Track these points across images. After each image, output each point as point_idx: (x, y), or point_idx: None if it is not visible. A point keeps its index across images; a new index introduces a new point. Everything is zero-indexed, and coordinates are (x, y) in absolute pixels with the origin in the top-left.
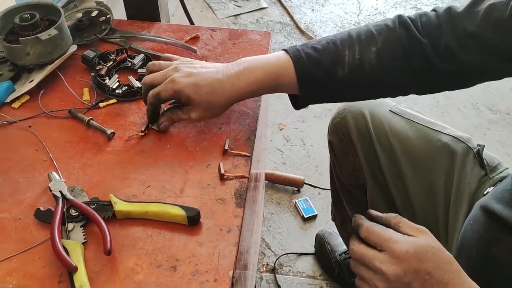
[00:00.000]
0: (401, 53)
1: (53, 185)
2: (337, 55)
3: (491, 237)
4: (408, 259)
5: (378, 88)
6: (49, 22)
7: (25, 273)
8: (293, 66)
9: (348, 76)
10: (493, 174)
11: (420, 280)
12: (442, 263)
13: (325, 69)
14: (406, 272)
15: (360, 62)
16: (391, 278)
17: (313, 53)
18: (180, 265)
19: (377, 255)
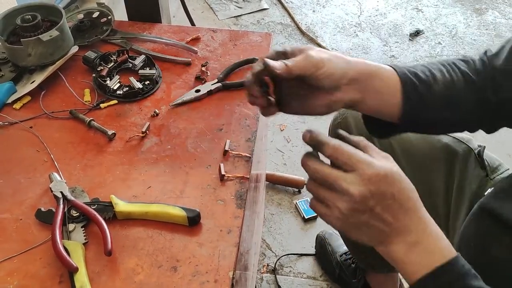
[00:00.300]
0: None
1: (54, 186)
2: (430, 73)
3: (490, 237)
4: (377, 182)
5: (465, 109)
6: (50, 23)
7: (26, 273)
8: (394, 70)
9: (443, 92)
10: (494, 175)
11: (383, 204)
12: (407, 189)
13: (424, 82)
14: (373, 194)
15: (451, 79)
16: (356, 199)
17: (410, 68)
18: (181, 266)
19: (344, 175)
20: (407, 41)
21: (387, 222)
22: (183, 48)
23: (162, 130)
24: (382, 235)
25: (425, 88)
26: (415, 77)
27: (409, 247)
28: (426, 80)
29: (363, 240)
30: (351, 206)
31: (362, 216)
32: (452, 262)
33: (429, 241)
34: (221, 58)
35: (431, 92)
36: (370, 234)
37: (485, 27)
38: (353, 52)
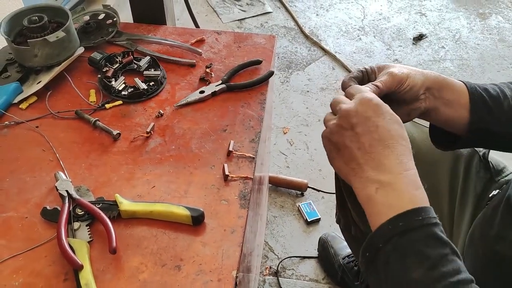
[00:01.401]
0: None
1: (60, 185)
2: (499, 89)
3: (498, 234)
4: (366, 105)
5: None
6: (57, 25)
7: (31, 271)
8: (463, 83)
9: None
10: (499, 177)
11: (365, 127)
12: (395, 130)
13: (494, 97)
14: (358, 113)
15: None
16: (342, 113)
17: (479, 84)
18: (184, 265)
19: (345, 99)
20: (411, 45)
21: (363, 148)
22: (188, 49)
23: (167, 131)
24: (355, 163)
25: (494, 102)
26: (484, 91)
27: (380, 186)
28: (495, 95)
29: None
30: (338, 122)
31: (344, 133)
32: (424, 209)
33: (402, 185)
34: (225, 60)
35: (500, 106)
36: (346, 159)
37: (489, 32)
38: (357, 55)
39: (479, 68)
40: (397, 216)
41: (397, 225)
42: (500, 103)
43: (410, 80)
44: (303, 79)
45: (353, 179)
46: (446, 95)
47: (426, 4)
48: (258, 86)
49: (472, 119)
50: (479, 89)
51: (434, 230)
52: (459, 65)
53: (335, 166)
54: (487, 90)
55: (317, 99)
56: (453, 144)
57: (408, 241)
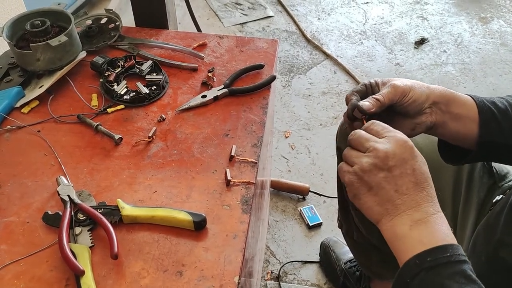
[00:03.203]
0: None
1: (61, 189)
2: (507, 102)
3: (500, 240)
4: (403, 147)
5: None
6: (59, 29)
7: (32, 276)
8: (471, 97)
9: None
10: (503, 183)
11: (402, 169)
12: (426, 172)
13: (502, 110)
14: (395, 155)
15: None
16: (379, 154)
17: (486, 97)
18: (186, 270)
19: (376, 138)
20: (412, 49)
21: (400, 190)
22: (190, 54)
23: (169, 135)
24: (390, 204)
25: (502, 115)
26: (492, 104)
27: (414, 223)
28: (503, 108)
29: (370, 207)
30: (373, 161)
31: (379, 174)
32: (453, 247)
33: (434, 223)
34: (228, 64)
35: (509, 120)
36: (380, 199)
37: (491, 36)
38: (358, 59)
39: (481, 72)
40: (425, 252)
41: (425, 260)
42: (509, 116)
43: (412, 92)
44: (305, 83)
45: (384, 218)
46: (455, 109)
47: (427, 8)
48: (260, 90)
49: (481, 133)
50: (487, 103)
51: (463, 268)
52: (461, 69)
53: (363, 204)
54: (495, 103)
55: (319, 103)
56: (462, 159)
57: (435, 276)
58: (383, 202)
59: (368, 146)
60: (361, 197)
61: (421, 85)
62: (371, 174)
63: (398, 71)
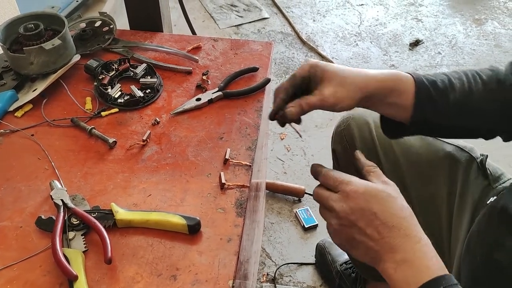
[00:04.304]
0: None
1: (55, 194)
2: (449, 82)
3: (495, 242)
4: (355, 198)
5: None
6: (53, 32)
7: (25, 281)
8: (413, 80)
9: (459, 100)
10: (497, 184)
11: (365, 219)
12: (391, 208)
13: (440, 89)
14: (353, 210)
15: (470, 89)
16: (340, 215)
17: (430, 76)
18: (180, 274)
19: (331, 195)
20: (407, 50)
21: (373, 237)
22: (184, 57)
23: (163, 139)
24: (372, 251)
25: (440, 96)
26: (432, 85)
27: (397, 265)
28: (443, 88)
29: (359, 256)
30: (339, 222)
31: (349, 231)
32: (441, 279)
33: (416, 260)
34: (222, 67)
35: (446, 101)
36: (362, 249)
37: (485, 37)
38: (353, 61)
39: None
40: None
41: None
42: (446, 96)
43: (341, 104)
44: None
45: (375, 265)
46: (390, 99)
47: (422, 10)
48: (255, 93)
49: (415, 113)
50: (426, 83)
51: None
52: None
53: (354, 256)
54: (435, 83)
55: None
56: (400, 133)
57: None
58: (366, 252)
59: (328, 205)
60: (349, 251)
61: (354, 84)
62: (344, 233)
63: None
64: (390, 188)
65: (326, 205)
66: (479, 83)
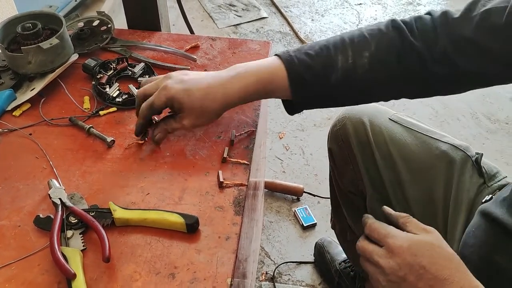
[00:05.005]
0: (394, 57)
1: (53, 193)
2: (330, 60)
3: (493, 244)
4: (401, 253)
5: (370, 92)
6: (50, 32)
7: (24, 280)
8: (286, 71)
9: (341, 80)
10: (492, 182)
11: (414, 274)
12: (440, 259)
13: (318, 73)
14: (401, 266)
15: (353, 66)
16: (387, 271)
17: (306, 58)
18: (179, 273)
19: (376, 249)
20: None
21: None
22: (182, 56)
23: None
24: None
25: (318, 80)
26: (307, 69)
27: None
28: (321, 74)
29: None
30: (386, 278)
31: (400, 286)
32: None
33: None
34: (220, 66)
35: (326, 84)
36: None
37: None
38: None
39: None
40: None
41: None
42: (326, 77)
43: (201, 126)
44: None
45: None
46: (267, 96)
47: (420, 9)
48: None
49: (295, 101)
50: (300, 69)
51: None
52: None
53: None
54: (311, 68)
55: None
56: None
57: None
58: None
59: (374, 261)
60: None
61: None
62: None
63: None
64: (434, 236)
65: (372, 260)
66: (365, 56)
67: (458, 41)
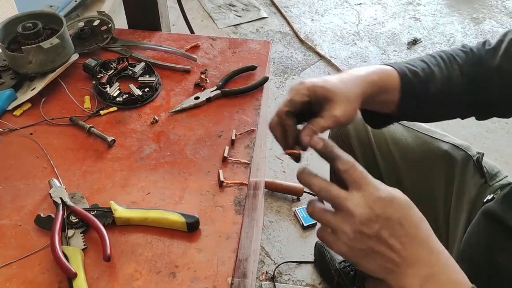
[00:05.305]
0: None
1: (54, 192)
2: (429, 71)
3: (495, 244)
4: (383, 205)
5: (459, 103)
6: (51, 31)
7: (24, 279)
8: (398, 75)
9: (440, 89)
10: (493, 182)
11: (390, 229)
12: (415, 218)
13: (422, 81)
14: (378, 217)
15: (448, 76)
16: (362, 221)
17: (412, 67)
18: (179, 272)
19: (351, 196)
20: (405, 49)
21: (395, 249)
22: (183, 55)
23: (162, 137)
24: (391, 264)
25: (423, 88)
26: (414, 75)
27: (424, 281)
28: (424, 79)
29: (373, 270)
30: (357, 229)
31: (369, 241)
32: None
33: (443, 274)
34: (220, 66)
35: (427, 91)
36: (379, 262)
37: (483, 36)
38: (352, 60)
39: None
40: None
41: None
42: (428, 87)
43: (351, 119)
44: None
45: (391, 277)
46: (380, 98)
47: (420, 9)
48: (253, 91)
49: (401, 106)
50: (410, 76)
51: None
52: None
53: (364, 268)
54: (417, 74)
55: None
56: (383, 123)
57: None
58: (383, 263)
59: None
60: (360, 263)
61: (356, 96)
62: (360, 242)
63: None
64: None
65: (342, 207)
66: (456, 68)
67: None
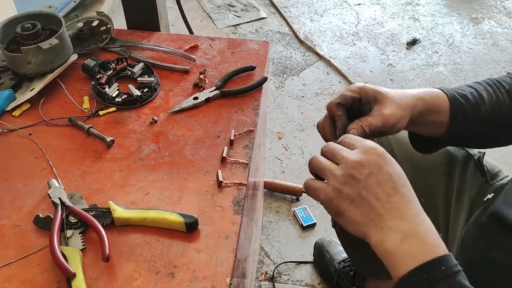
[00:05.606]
0: None
1: (53, 192)
2: (477, 94)
3: (491, 240)
4: (375, 154)
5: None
6: (50, 32)
7: (23, 279)
8: (447, 97)
9: (490, 111)
10: (494, 181)
11: (378, 176)
12: (403, 176)
13: (472, 104)
14: (369, 163)
15: (497, 100)
16: (353, 164)
17: (460, 90)
18: (178, 272)
19: (347, 149)
20: (404, 49)
21: (380, 198)
22: (182, 56)
23: (161, 137)
24: (375, 214)
25: (473, 110)
26: (464, 99)
27: (404, 236)
28: (474, 102)
29: (356, 221)
30: (348, 172)
31: (357, 185)
32: (446, 258)
33: (424, 235)
34: (219, 66)
35: (478, 113)
36: (363, 210)
37: (482, 36)
38: (351, 60)
39: (472, 72)
40: (420, 267)
41: (422, 277)
42: (478, 109)
43: (397, 127)
44: (298, 84)
45: (372, 230)
46: (430, 118)
47: (419, 9)
48: (252, 92)
49: (450, 129)
50: (460, 99)
51: (459, 279)
52: (452, 69)
53: (347, 219)
54: (466, 97)
55: (312, 104)
56: (432, 148)
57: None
58: (367, 212)
59: (340, 156)
60: (344, 212)
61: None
62: (349, 186)
63: (390, 72)
64: None
65: (336, 155)
66: (503, 92)
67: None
